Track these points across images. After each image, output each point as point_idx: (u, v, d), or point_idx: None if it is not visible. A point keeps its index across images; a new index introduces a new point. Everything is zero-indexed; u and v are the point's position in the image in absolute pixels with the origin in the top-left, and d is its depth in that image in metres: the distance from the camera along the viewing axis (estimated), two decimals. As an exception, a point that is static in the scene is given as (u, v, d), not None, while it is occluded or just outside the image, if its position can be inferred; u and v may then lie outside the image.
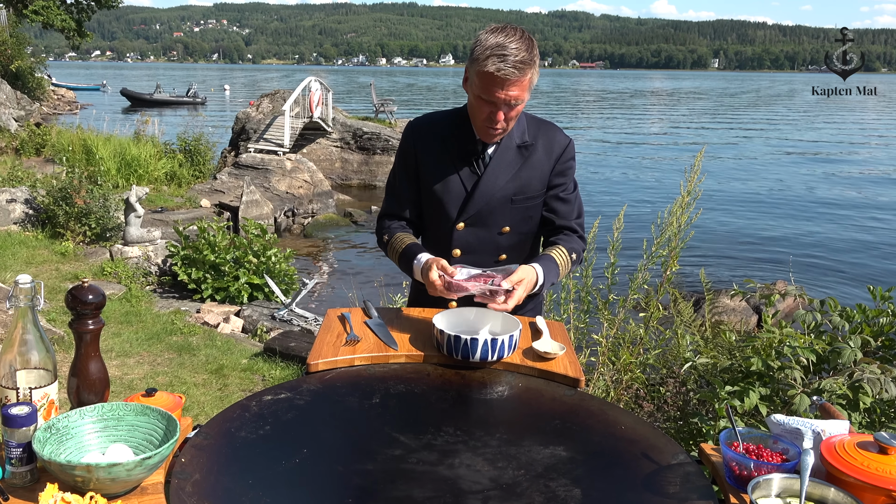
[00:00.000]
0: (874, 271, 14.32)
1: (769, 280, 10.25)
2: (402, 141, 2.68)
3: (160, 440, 1.58)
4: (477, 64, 2.30)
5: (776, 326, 3.04)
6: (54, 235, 10.41)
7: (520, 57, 2.26)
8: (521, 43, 2.28)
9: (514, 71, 2.26)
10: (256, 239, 9.39)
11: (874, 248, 16.26)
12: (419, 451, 1.68)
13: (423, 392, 2.01)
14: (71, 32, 29.81)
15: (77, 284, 1.72)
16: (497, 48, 2.26)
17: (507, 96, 2.31)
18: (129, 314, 7.79)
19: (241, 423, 1.75)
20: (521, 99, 2.34)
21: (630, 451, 1.74)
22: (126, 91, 54.54)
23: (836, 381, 2.68)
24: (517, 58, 2.25)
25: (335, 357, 2.14)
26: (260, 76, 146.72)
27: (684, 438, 3.47)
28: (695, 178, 4.49)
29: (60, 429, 1.55)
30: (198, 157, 17.78)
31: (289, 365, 6.72)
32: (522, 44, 2.28)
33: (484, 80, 2.30)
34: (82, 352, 1.72)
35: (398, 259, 2.59)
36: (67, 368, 1.75)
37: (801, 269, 13.98)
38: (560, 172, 2.60)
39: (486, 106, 2.36)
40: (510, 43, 2.26)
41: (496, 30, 2.32)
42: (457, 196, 2.56)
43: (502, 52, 2.25)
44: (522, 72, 2.28)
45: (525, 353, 2.22)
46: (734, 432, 1.66)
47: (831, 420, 1.71)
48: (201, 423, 1.75)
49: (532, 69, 2.32)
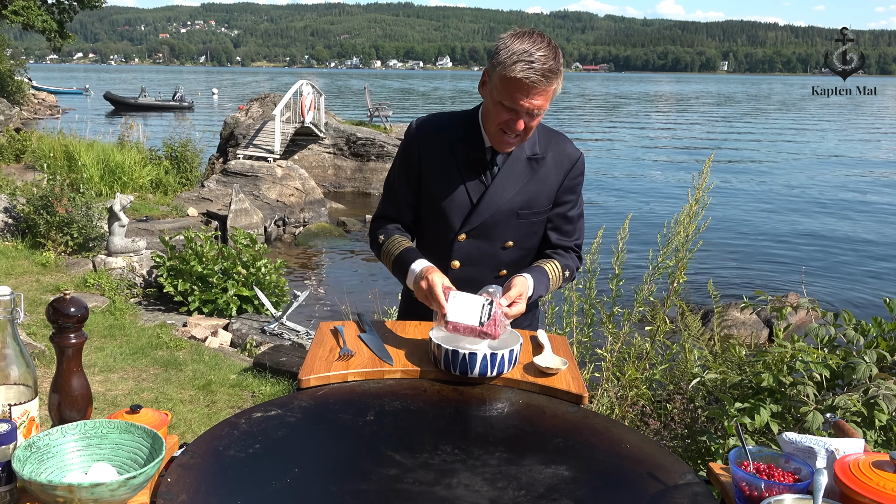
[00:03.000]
0: (891, 282, 14.33)
1: (780, 292, 10.26)
2: (405, 141, 2.64)
3: (145, 459, 1.57)
4: (502, 68, 2.28)
5: (788, 340, 3.05)
6: (35, 245, 10.40)
7: (548, 65, 2.25)
8: (549, 51, 2.27)
9: (542, 79, 2.25)
10: (246, 249, 9.39)
11: (892, 258, 16.25)
12: (415, 471, 1.67)
13: (420, 409, 2.01)
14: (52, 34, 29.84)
15: (58, 296, 1.72)
16: (525, 54, 2.24)
17: (531, 105, 2.29)
18: (112, 328, 7.78)
19: (229, 441, 1.75)
20: (542, 109, 2.33)
21: (635, 470, 1.74)
22: (110, 95, 54.69)
23: (851, 397, 2.69)
24: (545, 66, 2.25)
25: (328, 372, 2.14)
26: (249, 79, 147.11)
27: (692, 457, 3.47)
28: (703, 185, 4.50)
29: (41, 447, 1.54)
30: (184, 163, 17.79)
31: (279, 381, 6.71)
32: (550, 52, 2.27)
33: (508, 85, 2.28)
34: (64, 367, 1.72)
35: (392, 263, 2.55)
36: (48, 384, 1.75)
37: (813, 280, 13.99)
38: (569, 189, 2.60)
39: (505, 113, 2.34)
40: (537, 50, 2.25)
41: (522, 35, 2.30)
42: (461, 206, 2.54)
43: (530, 58, 2.23)
44: (549, 81, 2.27)
45: (526, 368, 2.22)
46: (744, 451, 1.66)
47: (845, 438, 1.71)
48: (188, 442, 1.75)
49: (557, 79, 2.31)
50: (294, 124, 21.97)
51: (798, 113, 71.95)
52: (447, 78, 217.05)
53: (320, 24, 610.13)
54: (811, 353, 2.92)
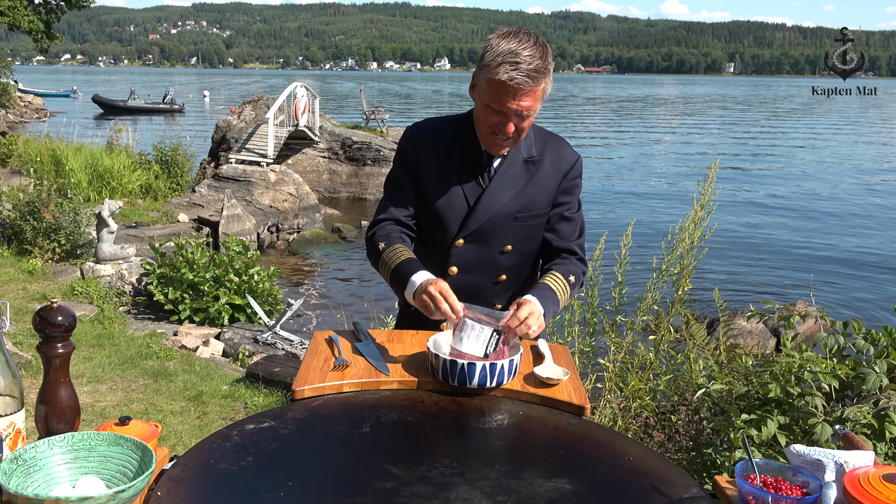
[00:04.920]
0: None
1: (788, 300, 10.27)
2: (401, 146, 2.65)
3: (134, 472, 1.57)
4: (487, 71, 2.30)
5: (796, 350, 3.05)
6: (21, 252, 10.40)
7: (534, 65, 2.26)
8: (536, 50, 2.28)
9: (528, 80, 2.26)
10: (238, 256, 9.39)
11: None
12: (413, 484, 1.67)
13: (417, 421, 2.01)
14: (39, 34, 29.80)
15: (45, 305, 1.73)
16: (510, 55, 2.25)
17: (519, 107, 2.30)
18: (101, 337, 7.78)
19: (221, 453, 1.75)
20: (532, 110, 2.34)
21: (639, 483, 1.73)
22: (98, 97, 54.73)
23: (861, 408, 2.69)
24: (531, 66, 2.25)
25: (322, 383, 2.14)
26: (242, 81, 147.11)
27: (697, 470, 3.47)
28: (709, 190, 4.50)
29: (28, 460, 1.54)
30: (175, 168, 17.80)
31: (273, 391, 6.71)
32: (537, 51, 2.28)
33: (494, 88, 2.30)
34: (51, 377, 1.72)
35: (389, 274, 2.50)
36: (35, 395, 1.75)
37: (822, 288, 14.00)
38: (566, 190, 2.61)
39: (494, 116, 2.35)
40: (523, 50, 2.26)
41: (508, 34, 2.32)
42: (458, 210, 2.55)
43: (515, 59, 2.24)
44: (536, 81, 2.28)
45: (526, 378, 2.22)
46: (751, 464, 1.66)
47: (855, 451, 1.71)
48: (179, 454, 1.75)
49: (546, 78, 2.32)
50: (288, 128, 21.98)
51: (806, 116, 72.01)
52: (445, 80, 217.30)
53: (315, 25, 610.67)
54: (820, 363, 2.92)
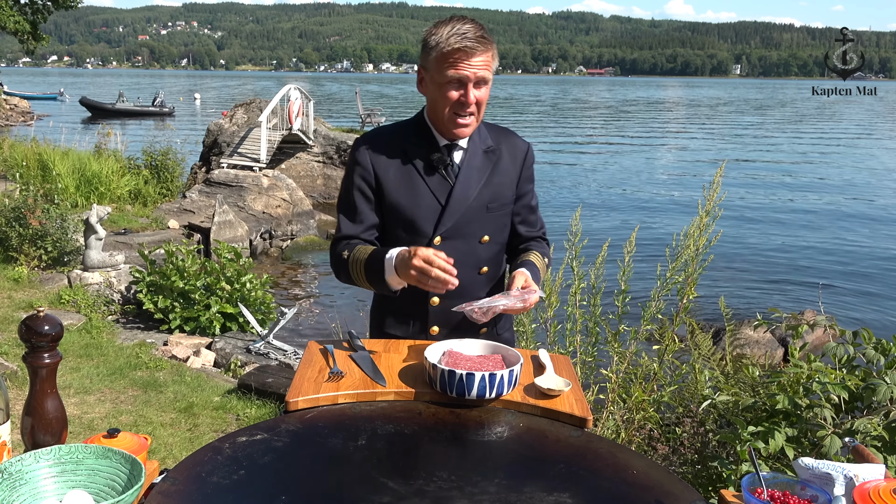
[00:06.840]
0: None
1: (796, 308, 10.27)
2: (353, 158, 2.65)
3: (123, 486, 1.57)
4: (437, 50, 2.46)
5: (804, 360, 3.05)
6: (6, 260, 10.39)
7: (479, 33, 2.45)
8: (474, 24, 2.48)
9: (478, 44, 2.44)
10: (230, 264, 9.39)
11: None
12: (409, 499, 1.68)
13: (414, 433, 2.01)
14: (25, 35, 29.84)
15: (32, 314, 1.73)
16: (453, 29, 2.44)
17: (475, 72, 2.46)
18: (89, 347, 7.77)
19: (212, 466, 1.75)
20: (487, 80, 2.51)
21: (643, 497, 1.74)
22: (86, 100, 54.70)
23: (871, 420, 2.69)
24: (477, 34, 2.44)
25: (317, 394, 2.14)
26: (234, 83, 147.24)
27: (703, 484, 3.47)
28: (714, 195, 4.50)
29: (13, 473, 1.55)
30: (165, 173, 17.82)
31: (265, 403, 6.71)
32: (475, 25, 2.48)
33: (450, 57, 2.44)
34: (37, 388, 1.72)
35: (363, 268, 2.50)
36: (21, 407, 1.75)
37: (831, 296, 14.00)
38: (527, 178, 2.79)
39: (454, 91, 2.48)
40: (464, 24, 2.46)
41: (442, 21, 2.51)
42: (429, 209, 2.59)
43: (460, 31, 2.44)
44: (485, 45, 2.45)
45: (527, 389, 2.22)
46: (758, 477, 1.67)
47: (865, 464, 1.71)
48: (169, 468, 1.75)
49: (493, 48, 2.50)
50: (281, 131, 21.98)
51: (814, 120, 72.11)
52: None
53: (309, 26, 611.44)
54: (829, 374, 2.92)
